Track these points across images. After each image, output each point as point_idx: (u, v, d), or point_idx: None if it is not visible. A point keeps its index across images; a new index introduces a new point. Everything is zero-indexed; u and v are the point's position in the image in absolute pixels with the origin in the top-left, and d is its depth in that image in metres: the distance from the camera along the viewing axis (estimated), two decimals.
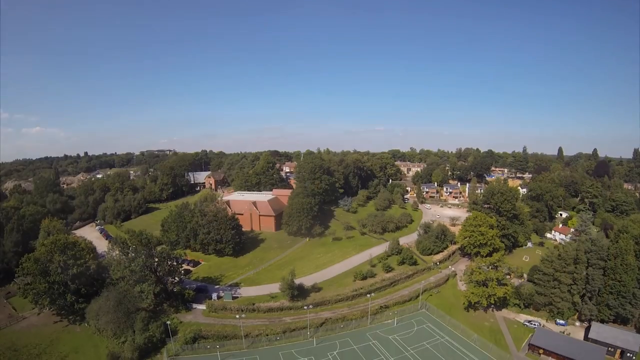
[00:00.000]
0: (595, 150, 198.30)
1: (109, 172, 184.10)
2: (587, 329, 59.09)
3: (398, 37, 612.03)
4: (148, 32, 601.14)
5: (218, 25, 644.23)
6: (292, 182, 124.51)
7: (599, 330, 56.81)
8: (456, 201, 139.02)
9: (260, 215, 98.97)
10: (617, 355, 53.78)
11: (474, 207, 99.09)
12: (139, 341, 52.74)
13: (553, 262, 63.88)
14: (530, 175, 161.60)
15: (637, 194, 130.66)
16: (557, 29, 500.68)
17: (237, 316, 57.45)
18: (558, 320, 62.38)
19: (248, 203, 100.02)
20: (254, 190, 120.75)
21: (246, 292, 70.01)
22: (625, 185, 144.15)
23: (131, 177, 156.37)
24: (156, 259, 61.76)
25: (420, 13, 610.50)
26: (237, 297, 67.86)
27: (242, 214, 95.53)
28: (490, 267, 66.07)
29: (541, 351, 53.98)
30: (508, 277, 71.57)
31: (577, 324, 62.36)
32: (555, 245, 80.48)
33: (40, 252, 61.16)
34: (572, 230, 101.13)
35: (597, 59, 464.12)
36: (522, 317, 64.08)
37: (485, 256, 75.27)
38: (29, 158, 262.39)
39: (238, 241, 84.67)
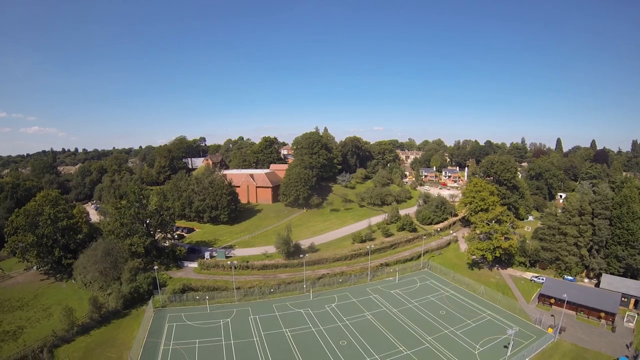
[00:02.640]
0: (593, 141, 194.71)
1: None
2: (597, 285, 56.28)
3: (397, 36, 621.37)
4: (147, 31, 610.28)
5: (217, 25, 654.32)
6: (290, 161, 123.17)
7: (610, 281, 54.00)
8: (455, 184, 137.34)
9: (257, 187, 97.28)
10: (631, 305, 50.86)
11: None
12: (124, 290, 50.41)
13: (558, 216, 61.82)
14: (529, 165, 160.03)
15: (637, 180, 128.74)
16: (557, 29, 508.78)
17: (229, 262, 55.08)
18: (566, 277, 59.55)
19: (245, 175, 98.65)
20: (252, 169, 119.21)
21: (240, 252, 67.52)
22: (625, 174, 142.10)
23: (129, 164, 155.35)
24: (148, 210, 59.92)
25: (419, 12, 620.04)
26: (231, 256, 65.34)
27: (239, 186, 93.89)
28: (494, 220, 63.96)
29: (552, 300, 51.15)
30: (512, 230, 68.98)
31: (586, 280, 59.56)
32: None
33: (30, 205, 59.63)
34: None
35: (594, 56, 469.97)
36: (529, 275, 61.35)
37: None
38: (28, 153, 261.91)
39: (234, 208, 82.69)
